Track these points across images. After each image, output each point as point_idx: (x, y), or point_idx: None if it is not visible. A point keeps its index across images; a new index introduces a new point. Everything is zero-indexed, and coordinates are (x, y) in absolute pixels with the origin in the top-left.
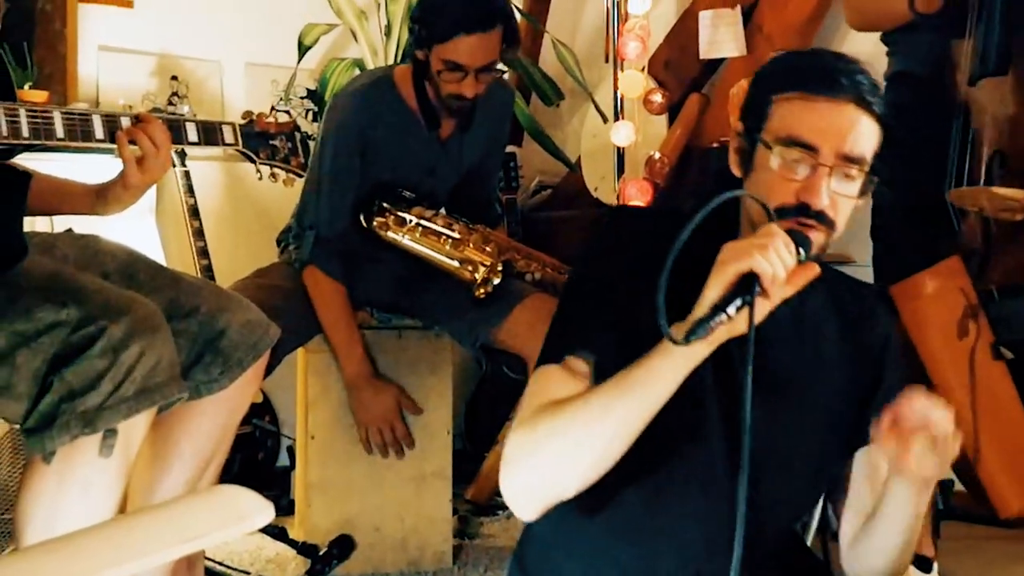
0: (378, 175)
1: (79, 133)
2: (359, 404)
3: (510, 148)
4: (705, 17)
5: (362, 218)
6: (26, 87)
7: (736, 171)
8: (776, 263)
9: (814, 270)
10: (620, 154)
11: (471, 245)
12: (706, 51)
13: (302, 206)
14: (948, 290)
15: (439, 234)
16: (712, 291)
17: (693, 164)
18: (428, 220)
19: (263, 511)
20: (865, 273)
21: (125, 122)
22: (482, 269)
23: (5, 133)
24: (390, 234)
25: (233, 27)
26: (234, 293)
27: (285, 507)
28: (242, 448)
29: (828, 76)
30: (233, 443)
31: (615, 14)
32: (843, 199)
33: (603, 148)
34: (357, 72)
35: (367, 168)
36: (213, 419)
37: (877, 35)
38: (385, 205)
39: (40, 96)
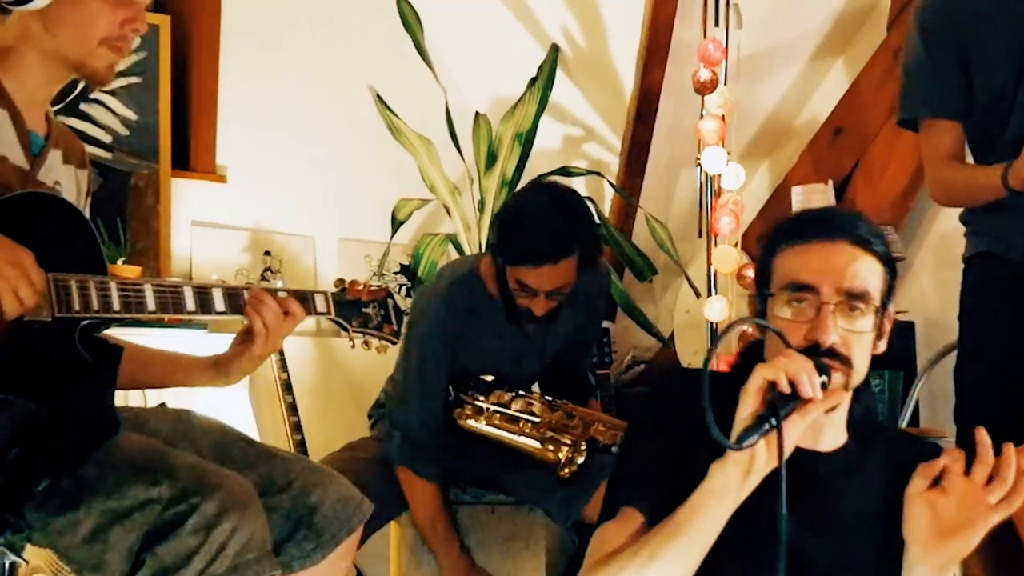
0: (464, 364)
1: (171, 306)
2: None
3: (604, 324)
4: (798, 192)
5: None
6: (119, 262)
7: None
8: (799, 374)
9: (842, 394)
10: (713, 329)
11: (553, 424)
12: None
13: (391, 399)
14: None
15: (518, 418)
16: (745, 408)
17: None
18: (506, 405)
19: None
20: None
21: (217, 294)
22: (565, 449)
23: (96, 307)
24: (469, 423)
25: (326, 202)
26: (327, 468)
27: None
28: None
29: (822, 222)
30: None
31: (708, 189)
32: (855, 335)
33: (696, 323)
34: (451, 247)
35: (453, 359)
36: None
37: None
38: (462, 396)
39: (133, 271)
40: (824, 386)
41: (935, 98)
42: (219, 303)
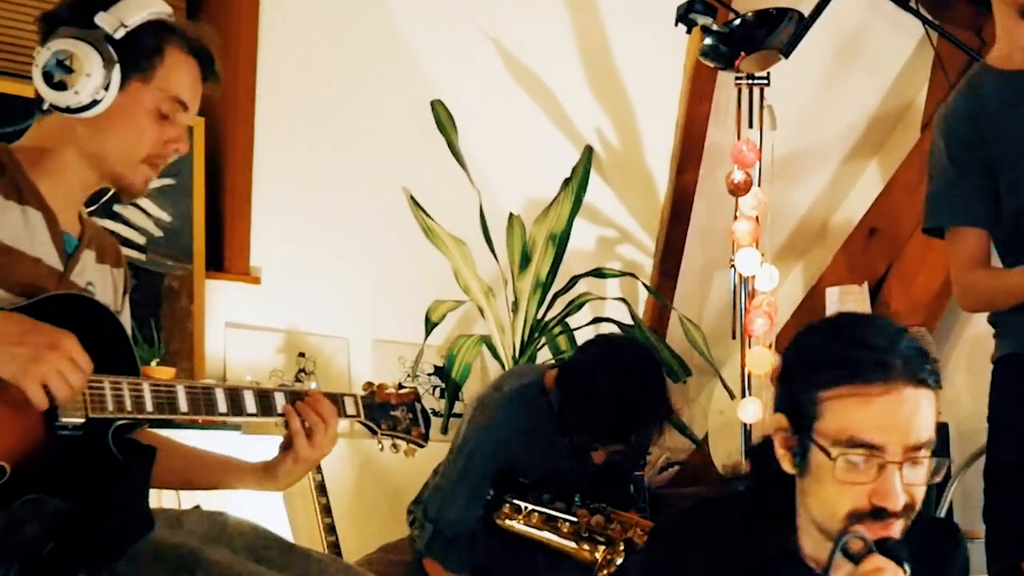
0: (512, 469)
1: (203, 407)
2: None
3: None
4: (832, 294)
5: None
6: (153, 363)
7: (788, 468)
8: None
9: None
10: (748, 431)
11: (592, 526)
12: None
13: (431, 493)
14: None
15: (556, 518)
16: None
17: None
18: (544, 505)
19: None
20: None
21: (248, 396)
22: (602, 549)
23: (129, 408)
24: (507, 522)
25: (361, 304)
26: (363, 570)
27: None
28: None
29: (876, 361)
30: None
31: (742, 291)
32: (916, 488)
33: (730, 425)
34: (485, 349)
35: (503, 465)
36: None
37: None
38: (503, 496)
39: (167, 373)
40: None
41: (960, 207)
42: (250, 404)
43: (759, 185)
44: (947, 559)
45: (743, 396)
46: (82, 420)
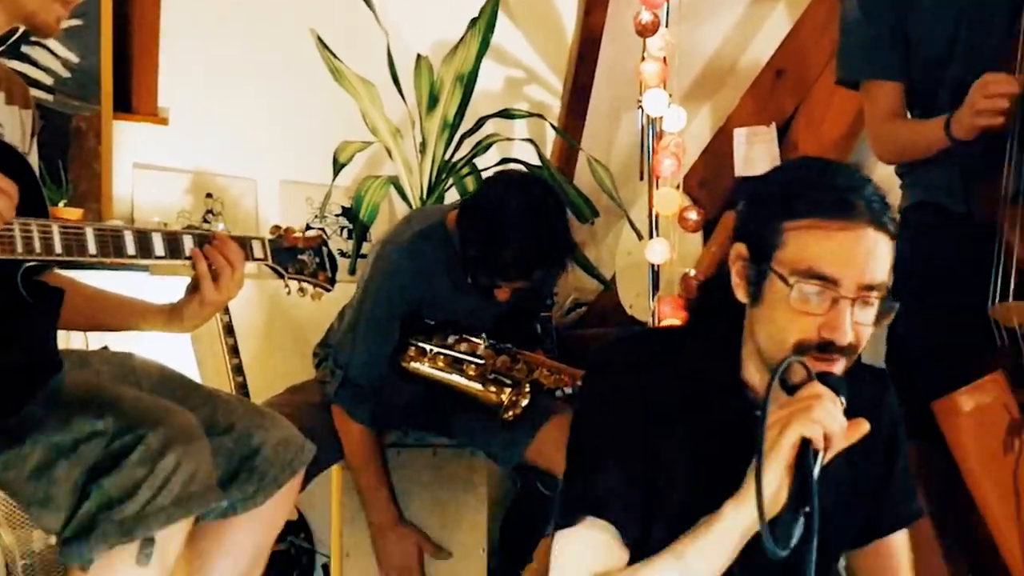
0: (418, 312)
1: (111, 249)
2: (381, 551)
3: None
4: (740, 135)
5: None
6: (60, 204)
7: (742, 297)
8: (831, 424)
9: (865, 426)
10: (655, 272)
11: (497, 367)
12: (741, 169)
13: (341, 339)
14: (990, 407)
15: (461, 360)
16: (772, 472)
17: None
18: (450, 348)
19: None
20: None
21: (156, 238)
22: (508, 391)
23: (38, 249)
24: (413, 365)
25: (269, 145)
26: (269, 410)
27: None
28: (277, 566)
29: (841, 199)
30: (268, 560)
31: (650, 132)
32: (864, 327)
33: (638, 266)
34: (392, 190)
35: (407, 308)
36: (248, 536)
37: None
38: (408, 339)
39: (75, 214)
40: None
41: (874, 60)
42: (159, 247)
43: (667, 26)
44: (877, 403)
45: (651, 237)
46: None
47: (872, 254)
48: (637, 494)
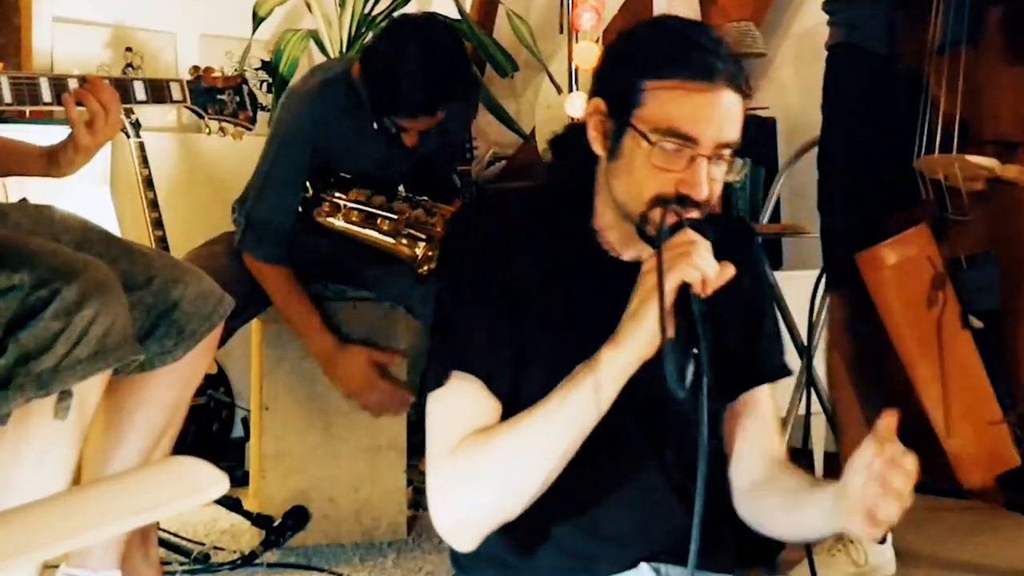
0: (329, 164)
1: (27, 97)
2: (336, 377)
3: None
4: None
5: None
6: None
7: (599, 150)
8: (707, 268)
9: (731, 270)
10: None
11: (412, 221)
12: None
13: (246, 187)
14: (914, 259)
15: (375, 215)
16: (650, 316)
17: None
18: (363, 203)
19: (217, 482)
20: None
21: (73, 85)
22: (422, 245)
23: None
24: (328, 219)
25: None
26: (188, 264)
27: (239, 478)
28: (196, 419)
29: (703, 61)
30: (187, 414)
31: None
32: (716, 184)
33: (558, 119)
34: (312, 43)
35: (317, 157)
36: (167, 390)
37: None
38: (321, 194)
39: None
40: None
41: None
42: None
43: None
44: (742, 251)
45: (570, 90)
46: None
47: (729, 115)
48: (505, 349)
